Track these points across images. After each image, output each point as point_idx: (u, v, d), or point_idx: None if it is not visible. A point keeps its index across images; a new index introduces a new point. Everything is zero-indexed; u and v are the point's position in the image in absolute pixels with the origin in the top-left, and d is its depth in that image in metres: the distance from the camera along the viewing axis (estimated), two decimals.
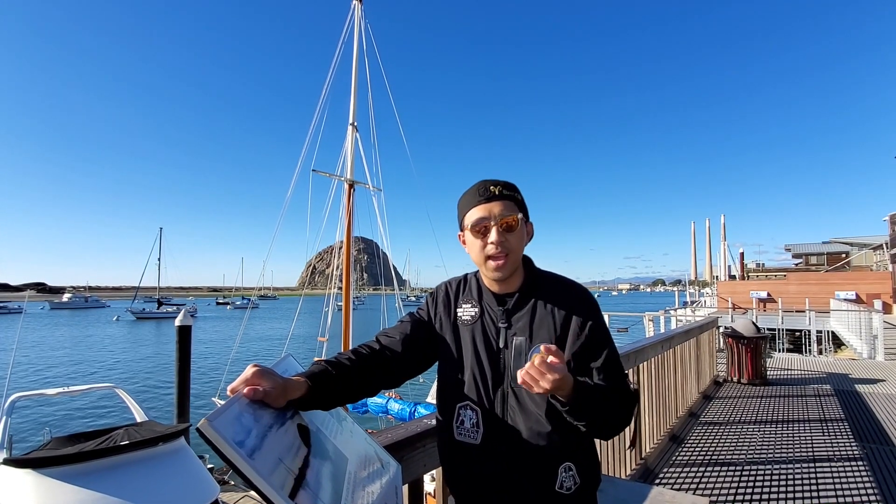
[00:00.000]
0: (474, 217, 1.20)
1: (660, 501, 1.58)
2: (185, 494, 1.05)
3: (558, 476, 1.16)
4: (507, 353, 1.20)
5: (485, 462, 1.19)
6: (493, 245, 1.18)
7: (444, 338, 1.30)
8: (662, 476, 3.83)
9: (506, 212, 1.19)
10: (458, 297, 1.33)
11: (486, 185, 1.22)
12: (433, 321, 1.33)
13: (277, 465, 0.84)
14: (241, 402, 0.89)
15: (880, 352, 10.41)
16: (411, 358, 1.28)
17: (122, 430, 1.32)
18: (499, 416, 1.19)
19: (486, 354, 1.22)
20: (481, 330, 1.25)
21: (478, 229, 1.20)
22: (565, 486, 1.16)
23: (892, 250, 23.62)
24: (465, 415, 1.22)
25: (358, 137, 13.52)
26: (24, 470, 0.94)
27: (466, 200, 1.25)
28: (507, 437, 1.18)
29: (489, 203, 1.20)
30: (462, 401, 1.23)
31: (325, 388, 1.07)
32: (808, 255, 38.72)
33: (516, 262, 1.22)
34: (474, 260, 1.25)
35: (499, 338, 1.23)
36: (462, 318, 1.29)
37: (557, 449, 1.16)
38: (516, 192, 1.24)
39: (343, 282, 13.34)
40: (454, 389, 1.25)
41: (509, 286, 1.26)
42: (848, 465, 4.13)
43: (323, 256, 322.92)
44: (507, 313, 1.23)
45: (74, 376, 21.99)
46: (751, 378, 7.37)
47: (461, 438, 1.22)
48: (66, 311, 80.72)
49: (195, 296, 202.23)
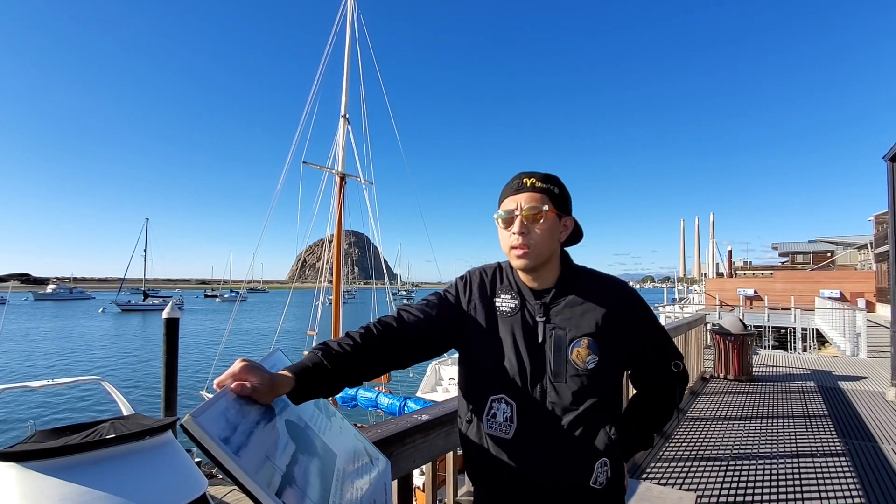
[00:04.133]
0: (504, 208, 1.21)
1: (647, 496, 1.59)
2: (173, 489, 1.04)
3: (594, 471, 1.15)
4: (547, 348, 1.18)
5: (516, 457, 1.16)
6: (515, 236, 1.18)
7: (480, 325, 1.24)
8: (650, 471, 3.87)
9: (532, 204, 1.17)
10: (496, 286, 1.28)
11: (521, 176, 1.22)
12: (465, 306, 1.27)
13: (264, 462, 0.82)
14: (227, 398, 0.87)
15: (863, 349, 10.59)
16: (431, 340, 1.23)
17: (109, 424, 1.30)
18: (536, 412, 1.16)
19: (527, 348, 1.18)
20: (521, 323, 1.21)
21: (505, 220, 1.20)
22: (599, 482, 1.15)
23: (876, 250, 23.99)
24: (497, 408, 1.18)
25: (349, 130, 13.44)
26: (8, 463, 0.92)
27: (503, 191, 1.25)
28: (542, 433, 1.15)
29: (519, 194, 1.20)
30: (496, 393, 1.19)
31: (313, 384, 1.04)
32: (794, 254, 39.24)
33: (541, 255, 1.19)
34: (503, 249, 1.24)
35: (538, 332, 1.19)
36: (501, 309, 1.24)
37: (597, 445, 1.15)
38: (553, 186, 1.21)
39: (333, 275, 13.29)
40: (488, 381, 1.21)
41: (545, 281, 1.24)
42: (831, 460, 4.20)
43: (313, 250, 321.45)
44: (545, 307, 1.21)
45: (59, 369, 21.72)
46: (737, 374, 7.46)
47: (491, 432, 1.18)
48: (50, 302, 79.67)
49: (182, 288, 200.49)
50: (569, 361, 1.15)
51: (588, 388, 1.15)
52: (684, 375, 1.31)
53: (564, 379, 1.15)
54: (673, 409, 1.31)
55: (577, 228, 1.29)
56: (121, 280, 72.27)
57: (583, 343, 1.15)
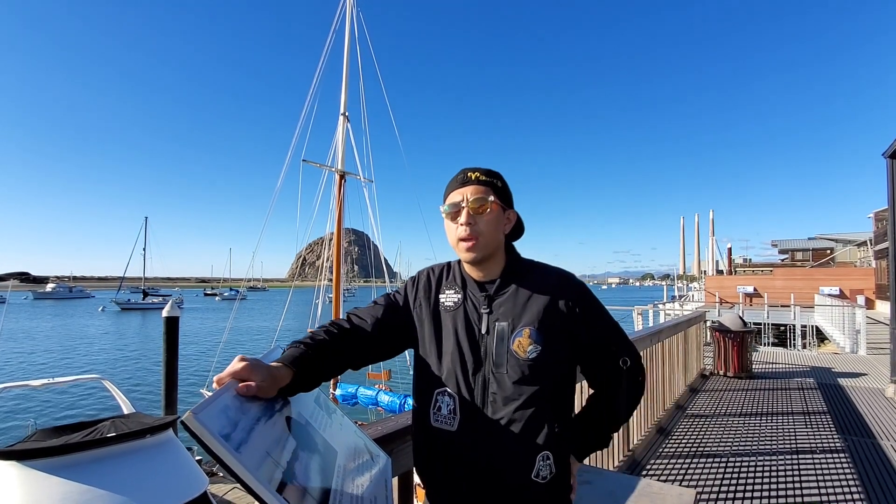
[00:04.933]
0: (450, 201, 1.24)
1: (647, 493, 1.59)
2: (174, 487, 1.04)
3: (536, 465, 1.15)
4: (489, 339, 1.20)
5: (460, 449, 1.18)
6: (462, 227, 1.20)
7: (424, 323, 1.28)
8: (650, 467, 3.87)
9: (478, 195, 1.21)
10: (441, 284, 1.32)
11: (465, 171, 1.26)
12: (412, 306, 1.32)
13: (265, 458, 0.82)
14: (227, 395, 0.87)
15: (862, 346, 10.60)
16: (382, 341, 1.26)
17: (109, 422, 1.31)
18: (477, 403, 1.17)
19: (468, 340, 1.21)
20: (463, 316, 1.24)
21: (452, 212, 1.23)
22: (541, 475, 1.16)
23: (875, 247, 24.00)
24: (442, 401, 1.20)
25: (349, 127, 13.41)
26: (9, 462, 0.92)
27: (448, 185, 1.29)
28: (485, 424, 1.16)
29: (465, 187, 1.23)
30: (440, 387, 1.21)
31: (308, 373, 1.06)
32: (793, 251, 39.24)
33: (487, 247, 1.22)
34: (450, 243, 1.27)
35: (481, 324, 1.22)
36: (444, 304, 1.28)
37: (538, 438, 1.16)
38: (496, 179, 1.25)
39: (333, 273, 13.28)
40: (433, 376, 1.23)
41: (490, 273, 1.26)
42: (830, 456, 4.21)
43: (313, 248, 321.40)
44: (489, 299, 1.23)
45: (60, 367, 21.73)
46: (737, 371, 7.47)
47: (437, 425, 1.20)
48: (50, 301, 79.54)
49: (182, 286, 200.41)
50: (510, 352, 1.17)
51: (529, 379, 1.15)
52: (635, 373, 1.28)
53: (506, 369, 1.16)
54: (625, 408, 1.29)
55: (519, 222, 1.33)
56: (120, 279, 72.19)
57: (525, 333, 1.17)
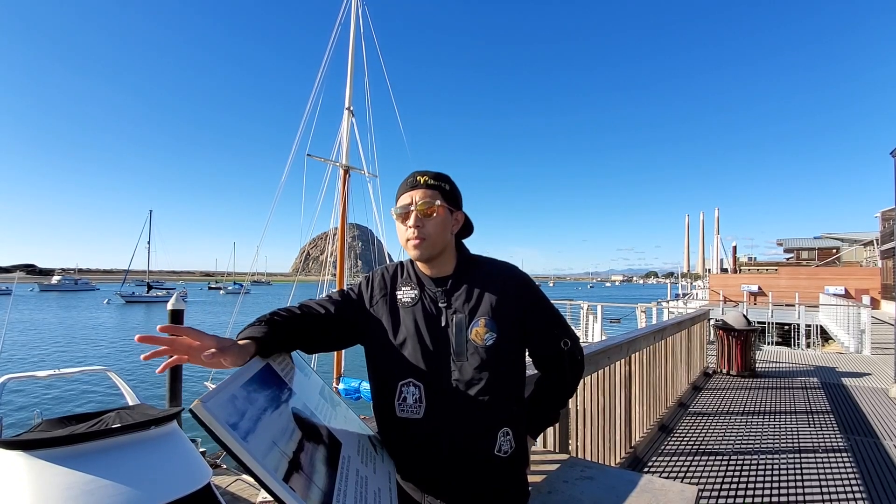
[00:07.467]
0: (400, 203, 1.30)
1: (649, 489, 1.59)
2: (178, 477, 1.05)
3: (497, 440, 1.25)
4: (450, 331, 1.27)
5: (428, 433, 1.24)
6: (411, 229, 1.26)
7: (380, 319, 1.33)
8: (652, 464, 3.88)
9: (426, 199, 1.27)
10: (396, 281, 1.38)
11: (415, 175, 1.32)
12: (367, 303, 1.36)
13: (272, 447, 0.83)
14: (235, 384, 0.88)
15: (867, 346, 10.56)
16: (332, 333, 1.31)
17: (114, 413, 1.32)
18: (442, 390, 1.24)
19: (429, 332, 1.27)
20: (422, 310, 1.30)
21: (401, 214, 1.29)
22: (503, 450, 1.25)
23: (882, 246, 23.85)
24: (407, 391, 1.25)
25: (354, 122, 13.40)
26: (15, 451, 0.93)
27: (399, 188, 1.35)
28: (450, 408, 1.23)
29: (413, 191, 1.29)
30: (405, 378, 1.26)
31: (274, 339, 1.11)
32: (799, 250, 39.04)
33: (435, 247, 1.29)
34: (400, 242, 1.33)
35: (441, 317, 1.29)
36: (402, 300, 1.33)
37: (497, 415, 1.26)
38: (444, 183, 1.32)
39: (337, 268, 13.31)
40: (395, 369, 1.27)
41: (443, 270, 1.34)
42: (833, 455, 4.21)
43: (317, 243, 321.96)
44: (447, 294, 1.31)
45: (65, 359, 21.88)
46: (740, 370, 7.46)
47: (403, 415, 1.25)
48: (56, 293, 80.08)
49: (186, 280, 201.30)
50: (469, 341, 1.26)
51: (488, 363, 1.25)
52: (574, 353, 1.41)
53: (466, 357, 1.25)
54: (568, 386, 1.44)
55: (467, 222, 1.41)
56: (125, 272, 72.49)
57: (480, 322, 1.27)
